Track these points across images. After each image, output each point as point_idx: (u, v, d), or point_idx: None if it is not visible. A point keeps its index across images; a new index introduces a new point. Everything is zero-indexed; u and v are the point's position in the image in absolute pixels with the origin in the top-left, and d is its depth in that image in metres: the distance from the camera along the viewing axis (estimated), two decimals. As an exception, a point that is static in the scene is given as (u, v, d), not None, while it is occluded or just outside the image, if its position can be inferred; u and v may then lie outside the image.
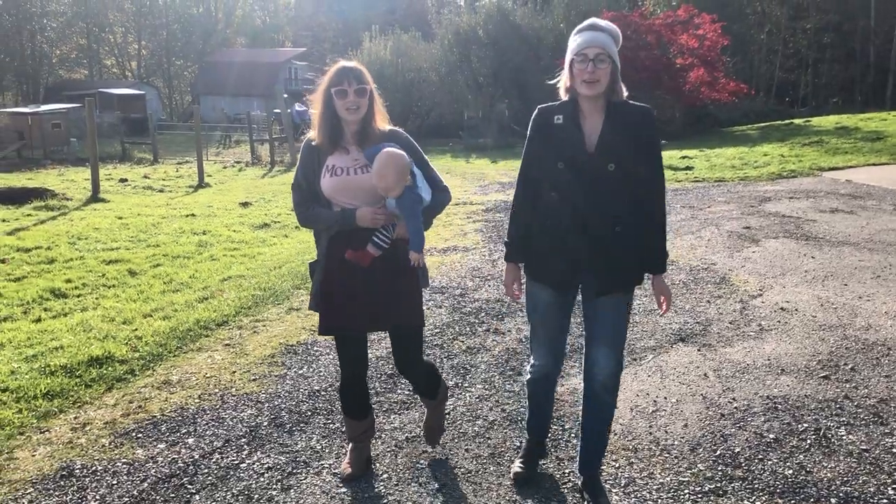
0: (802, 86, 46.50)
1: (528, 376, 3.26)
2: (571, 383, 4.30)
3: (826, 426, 3.73)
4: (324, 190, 3.06)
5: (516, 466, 3.29)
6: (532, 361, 3.22)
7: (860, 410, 3.89)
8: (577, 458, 3.23)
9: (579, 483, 3.20)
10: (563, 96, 2.94)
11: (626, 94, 2.90)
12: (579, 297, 3.09)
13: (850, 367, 4.49)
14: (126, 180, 18.70)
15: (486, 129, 29.23)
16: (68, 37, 61.10)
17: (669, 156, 18.65)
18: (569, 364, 4.48)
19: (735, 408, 3.97)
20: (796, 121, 27.46)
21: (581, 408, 3.19)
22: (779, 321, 5.41)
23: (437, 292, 6.42)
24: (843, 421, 3.79)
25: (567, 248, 2.90)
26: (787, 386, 4.24)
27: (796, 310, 5.65)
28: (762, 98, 39.28)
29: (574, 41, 2.86)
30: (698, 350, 4.87)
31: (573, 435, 3.67)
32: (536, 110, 3.03)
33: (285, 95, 31.80)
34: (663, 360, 4.72)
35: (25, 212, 12.96)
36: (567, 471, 3.38)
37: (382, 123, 3.13)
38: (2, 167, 23.51)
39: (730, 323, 5.41)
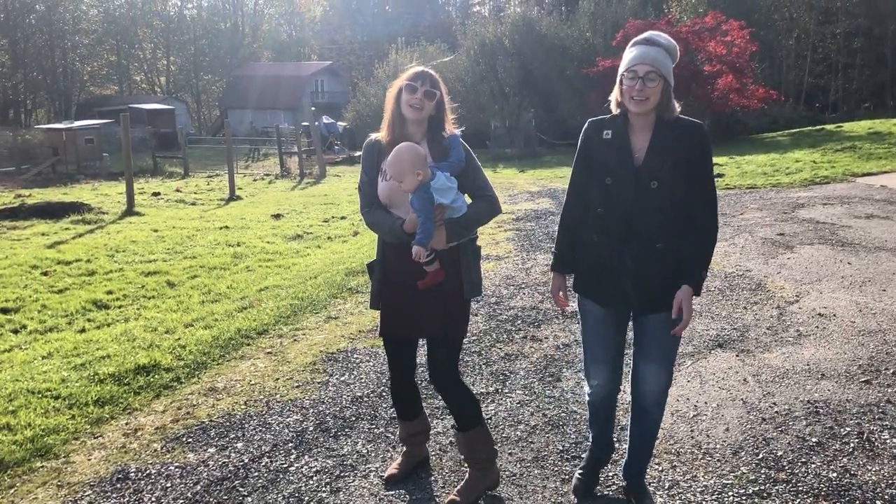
0: (832, 91, 45.98)
1: (588, 398, 3.22)
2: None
3: (869, 430, 3.73)
4: (380, 195, 3.10)
5: (577, 475, 3.31)
6: (590, 383, 3.15)
7: (903, 414, 3.89)
8: (623, 463, 3.25)
9: (624, 486, 3.23)
10: (614, 110, 2.89)
11: (678, 110, 2.84)
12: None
13: (891, 371, 4.48)
14: (159, 194, 19.02)
15: (512, 138, 29.33)
16: (99, 54, 62.29)
17: (698, 163, 18.58)
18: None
19: (776, 412, 3.98)
20: (828, 126, 27.19)
21: (629, 417, 3.20)
22: (817, 327, 5.39)
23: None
24: (886, 425, 3.78)
25: (614, 264, 2.88)
26: (828, 390, 4.24)
27: (834, 315, 5.63)
28: (791, 104, 38.95)
29: (627, 55, 2.81)
30: (737, 356, 4.88)
31: (616, 440, 3.71)
32: (587, 123, 3.00)
33: (313, 108, 32.15)
34: (702, 365, 4.73)
35: (63, 225, 13.25)
36: (611, 474, 3.41)
37: (448, 128, 3.15)
38: (37, 182, 24.06)
39: (767, 328, 5.41)
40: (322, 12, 73.82)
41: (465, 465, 3.34)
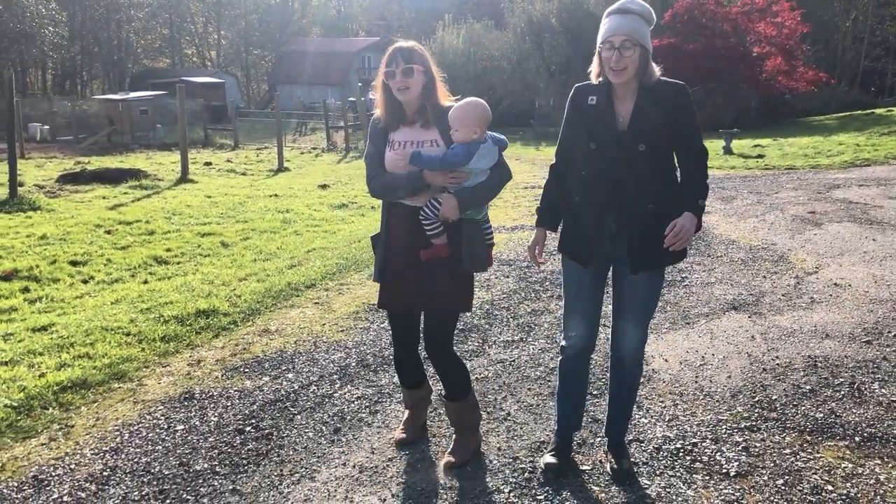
0: (889, 75, 44.94)
1: (562, 355, 3.22)
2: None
3: (861, 381, 4.06)
4: (386, 164, 3.14)
5: (548, 458, 3.24)
6: (567, 335, 3.18)
7: (896, 370, 4.21)
8: (605, 421, 3.36)
9: (605, 445, 3.35)
10: (594, 80, 2.94)
11: (658, 73, 2.86)
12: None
13: (893, 334, 4.78)
14: (210, 164, 19.72)
15: (557, 117, 29.40)
16: (152, 27, 63.60)
17: (741, 144, 18.62)
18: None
19: (777, 364, 4.33)
20: (878, 110, 26.81)
21: (609, 377, 3.30)
22: (830, 295, 5.68)
23: (505, 264, 6.89)
24: (878, 377, 4.11)
25: (599, 225, 2.92)
26: (829, 348, 4.56)
27: (849, 285, 5.91)
28: (844, 87, 38.24)
29: (603, 26, 2.85)
30: (749, 317, 5.21)
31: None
32: (573, 89, 3.04)
33: (360, 84, 32.64)
34: (714, 324, 5.08)
35: (122, 190, 13.97)
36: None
37: (445, 100, 3.14)
38: (94, 151, 25.01)
39: (782, 295, 5.72)
40: (371, -12, 74.12)
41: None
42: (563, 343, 3.21)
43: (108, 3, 56.01)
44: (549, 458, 3.22)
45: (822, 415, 3.69)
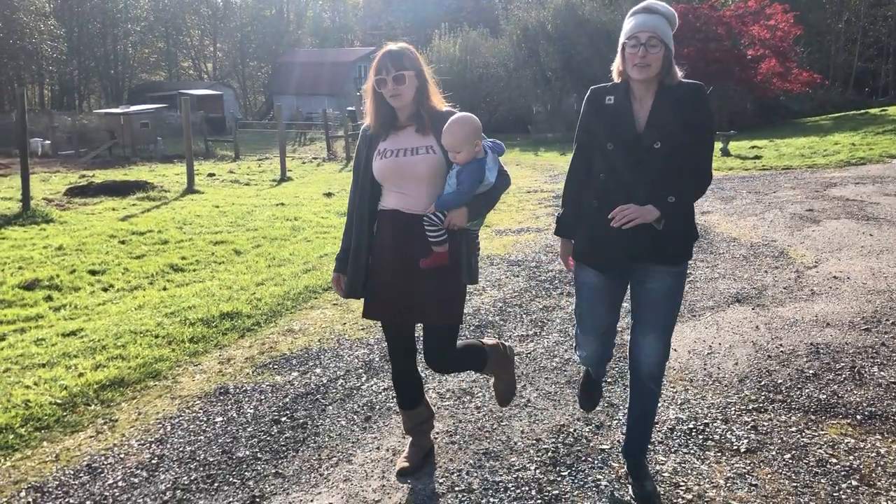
0: (883, 75, 45.33)
1: (579, 362, 3.26)
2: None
3: (861, 365, 4.28)
4: (375, 173, 3.04)
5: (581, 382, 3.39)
6: (579, 353, 3.15)
7: (894, 354, 4.43)
8: (623, 442, 3.23)
9: (625, 467, 3.21)
10: (616, 79, 2.93)
11: (680, 75, 2.87)
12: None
13: (891, 321, 5.00)
14: (213, 175, 19.95)
15: (554, 123, 29.75)
16: (149, 40, 63.95)
17: (739, 146, 18.88)
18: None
19: (781, 351, 4.55)
20: (872, 110, 27.12)
21: (628, 396, 3.19)
22: (830, 287, 5.91)
23: (514, 265, 7.11)
24: (878, 361, 4.33)
25: (613, 229, 2.80)
26: (830, 335, 4.79)
27: (848, 278, 6.14)
28: (838, 88, 38.60)
29: (627, 24, 2.86)
30: (752, 309, 5.44)
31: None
32: (589, 90, 3.01)
33: (358, 93, 32.86)
34: (720, 316, 5.31)
35: (130, 202, 14.18)
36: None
37: (439, 104, 3.07)
38: (96, 164, 25.23)
39: (784, 288, 5.94)
40: (365, -2, 74.57)
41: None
42: (577, 358, 3.20)
43: (105, 17, 56.38)
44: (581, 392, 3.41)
45: (825, 396, 3.90)
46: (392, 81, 2.95)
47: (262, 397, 4.17)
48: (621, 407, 3.84)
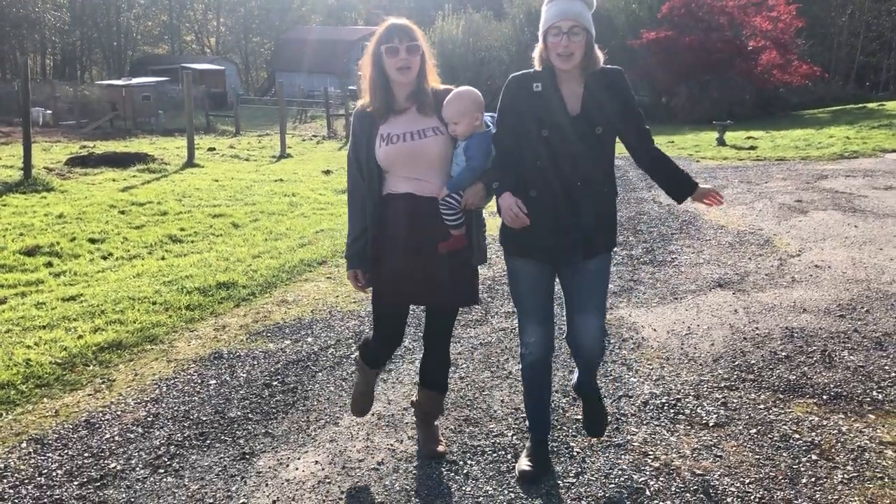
0: (885, 70, 45.32)
1: (523, 363, 3.15)
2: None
3: (832, 349, 4.45)
4: (380, 161, 2.92)
5: (524, 464, 3.11)
6: (525, 342, 3.09)
7: (865, 340, 4.59)
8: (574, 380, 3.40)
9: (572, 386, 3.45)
10: (538, 66, 2.90)
11: (602, 60, 2.87)
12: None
13: (865, 309, 5.17)
14: (214, 149, 20.06)
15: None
16: (152, 13, 63.72)
17: (734, 136, 18.99)
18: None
19: (757, 334, 4.72)
20: (869, 104, 27.20)
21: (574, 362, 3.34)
22: (811, 275, 6.07)
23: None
24: (848, 346, 4.50)
25: (557, 215, 2.84)
26: (806, 321, 4.96)
27: (829, 267, 6.30)
28: (839, 82, 38.61)
29: (547, 11, 2.84)
30: (733, 294, 5.60)
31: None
32: (510, 78, 2.96)
33: (360, 73, 32.85)
34: (701, 299, 5.47)
35: (131, 173, 14.30)
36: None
37: (436, 83, 3.01)
38: (96, 136, 25.31)
39: (766, 275, 6.10)
40: (370, -23, 74.19)
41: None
42: (523, 350, 3.11)
43: (108, -13, 56.23)
44: (524, 465, 3.11)
45: (794, 377, 4.07)
46: (405, 51, 2.84)
47: (255, 363, 4.33)
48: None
